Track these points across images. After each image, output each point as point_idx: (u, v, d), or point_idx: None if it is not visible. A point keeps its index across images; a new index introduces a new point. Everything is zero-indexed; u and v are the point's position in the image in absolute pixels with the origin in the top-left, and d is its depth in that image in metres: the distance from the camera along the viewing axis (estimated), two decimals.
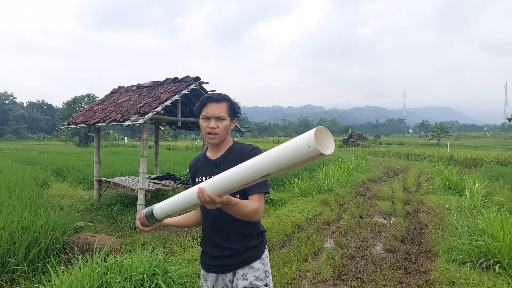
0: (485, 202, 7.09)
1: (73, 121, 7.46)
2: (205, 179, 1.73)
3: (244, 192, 1.70)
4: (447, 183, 9.77)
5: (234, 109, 1.76)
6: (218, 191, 1.41)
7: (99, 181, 7.48)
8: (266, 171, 1.26)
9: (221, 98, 1.72)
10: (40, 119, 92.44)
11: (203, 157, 1.88)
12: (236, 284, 1.76)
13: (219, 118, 1.71)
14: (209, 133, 1.72)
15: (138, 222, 1.80)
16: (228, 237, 1.77)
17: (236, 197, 1.68)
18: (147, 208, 1.78)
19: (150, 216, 1.74)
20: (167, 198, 1.67)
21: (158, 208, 1.70)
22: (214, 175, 1.58)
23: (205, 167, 1.82)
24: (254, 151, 1.73)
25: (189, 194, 1.50)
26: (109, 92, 8.48)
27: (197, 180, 1.84)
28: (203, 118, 1.74)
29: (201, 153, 1.95)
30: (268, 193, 1.73)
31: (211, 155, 1.83)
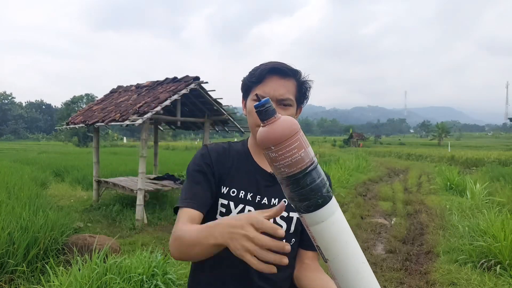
0: (486, 202, 7.06)
1: (72, 121, 7.44)
2: (248, 197, 1.08)
3: (296, 238, 1.12)
4: (448, 183, 9.74)
5: (303, 92, 1.09)
6: None
7: (98, 182, 7.46)
8: None
9: (289, 72, 1.04)
10: (39, 119, 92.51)
11: (244, 156, 1.14)
12: None
13: (283, 102, 1.03)
14: None
15: None
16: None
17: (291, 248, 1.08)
18: None
19: None
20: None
21: None
22: (266, 196, 1.08)
23: (250, 178, 1.10)
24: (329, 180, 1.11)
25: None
26: (108, 92, 8.46)
27: (225, 191, 1.08)
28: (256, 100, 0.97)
29: (235, 144, 1.18)
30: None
31: (262, 161, 1.12)
